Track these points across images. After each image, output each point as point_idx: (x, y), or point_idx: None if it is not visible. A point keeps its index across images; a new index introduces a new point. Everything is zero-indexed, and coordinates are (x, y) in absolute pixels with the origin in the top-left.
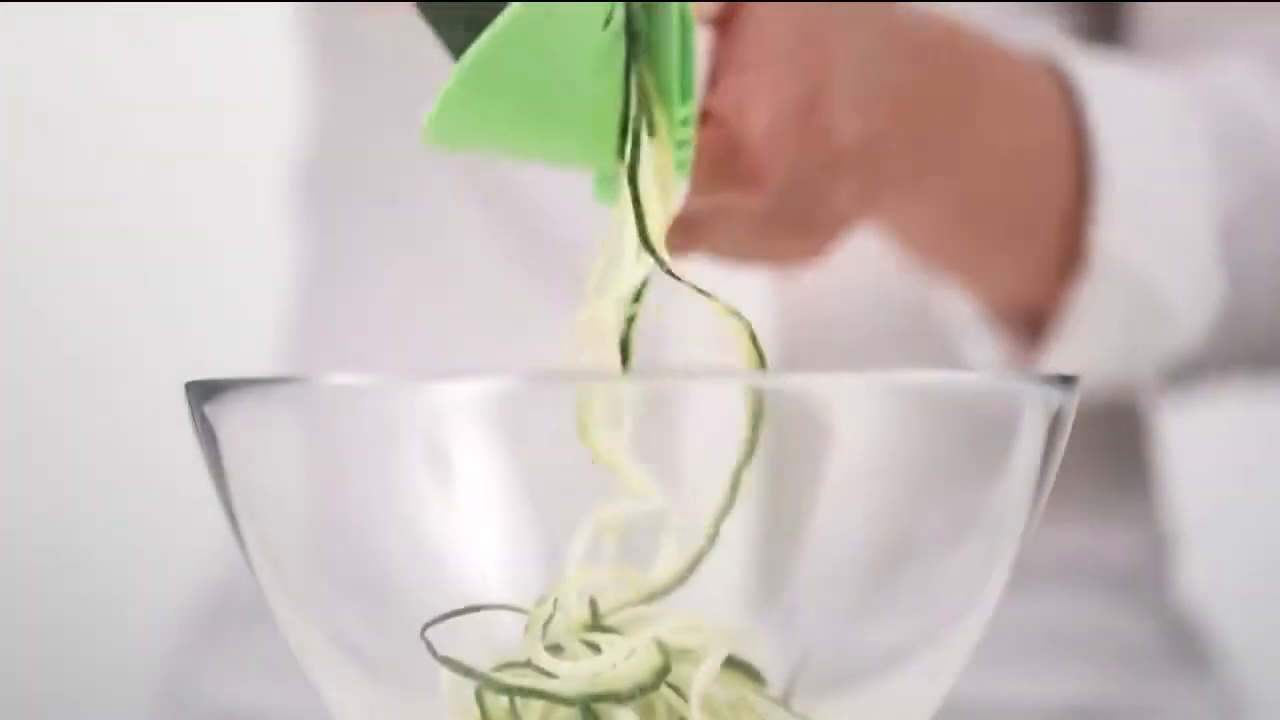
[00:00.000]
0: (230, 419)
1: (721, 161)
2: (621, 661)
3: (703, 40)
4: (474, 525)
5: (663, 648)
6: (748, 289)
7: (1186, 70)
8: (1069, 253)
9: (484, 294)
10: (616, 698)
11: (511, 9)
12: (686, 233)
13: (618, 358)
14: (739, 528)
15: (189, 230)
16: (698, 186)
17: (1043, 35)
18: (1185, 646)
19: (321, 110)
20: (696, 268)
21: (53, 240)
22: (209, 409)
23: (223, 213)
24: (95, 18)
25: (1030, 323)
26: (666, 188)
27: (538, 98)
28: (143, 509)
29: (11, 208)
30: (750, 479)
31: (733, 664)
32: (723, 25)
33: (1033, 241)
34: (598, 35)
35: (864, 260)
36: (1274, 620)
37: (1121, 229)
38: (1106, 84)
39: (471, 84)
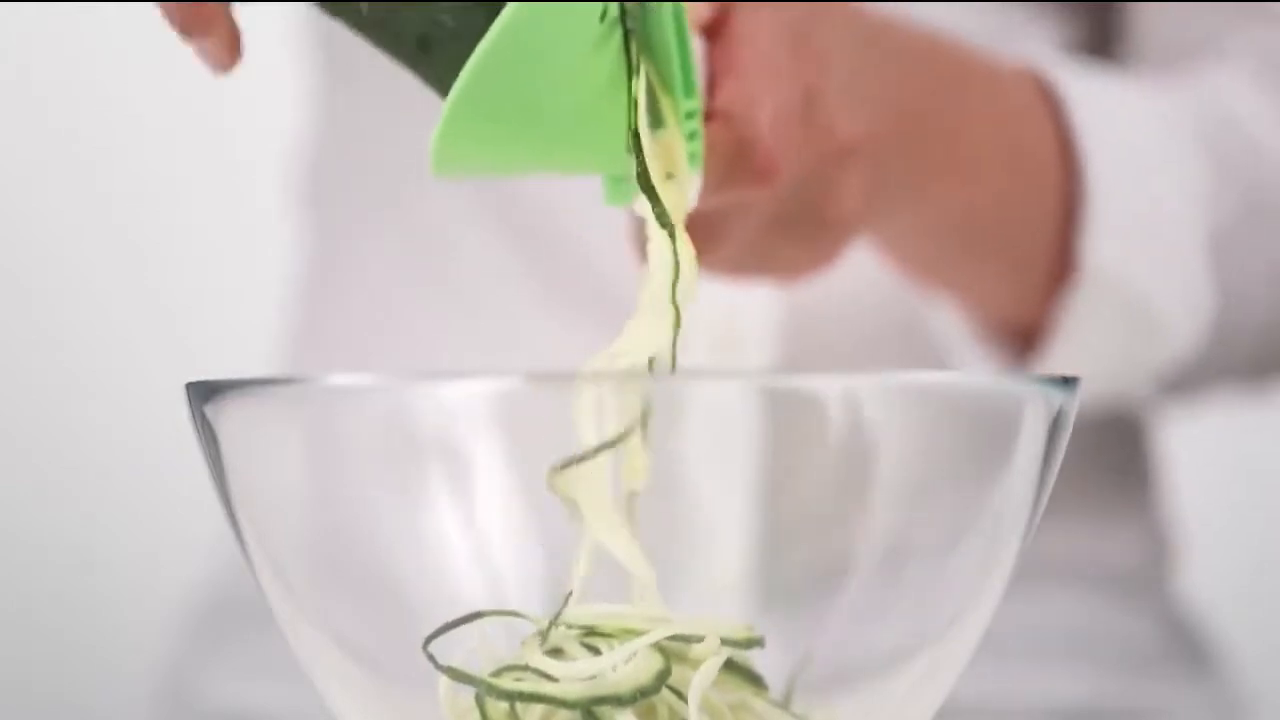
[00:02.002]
0: (230, 419)
1: (733, 158)
2: (622, 664)
3: (696, 47)
4: (474, 526)
5: (663, 650)
6: (750, 295)
7: (1176, 79)
8: (1058, 265)
9: (484, 295)
10: (617, 700)
11: (502, 19)
12: (703, 232)
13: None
14: (739, 528)
15: (189, 230)
16: (711, 185)
17: (1035, 46)
18: (1185, 646)
19: (323, 111)
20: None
21: (53, 240)
22: (209, 409)
23: (223, 213)
24: (97, 18)
25: (1021, 337)
26: (680, 180)
27: (540, 106)
28: (143, 509)
29: (11, 208)
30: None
31: (733, 667)
32: (714, 33)
33: (1022, 253)
34: (594, 31)
35: (864, 269)
36: (1274, 620)
37: (1110, 241)
38: (1090, 94)
39: (471, 103)
